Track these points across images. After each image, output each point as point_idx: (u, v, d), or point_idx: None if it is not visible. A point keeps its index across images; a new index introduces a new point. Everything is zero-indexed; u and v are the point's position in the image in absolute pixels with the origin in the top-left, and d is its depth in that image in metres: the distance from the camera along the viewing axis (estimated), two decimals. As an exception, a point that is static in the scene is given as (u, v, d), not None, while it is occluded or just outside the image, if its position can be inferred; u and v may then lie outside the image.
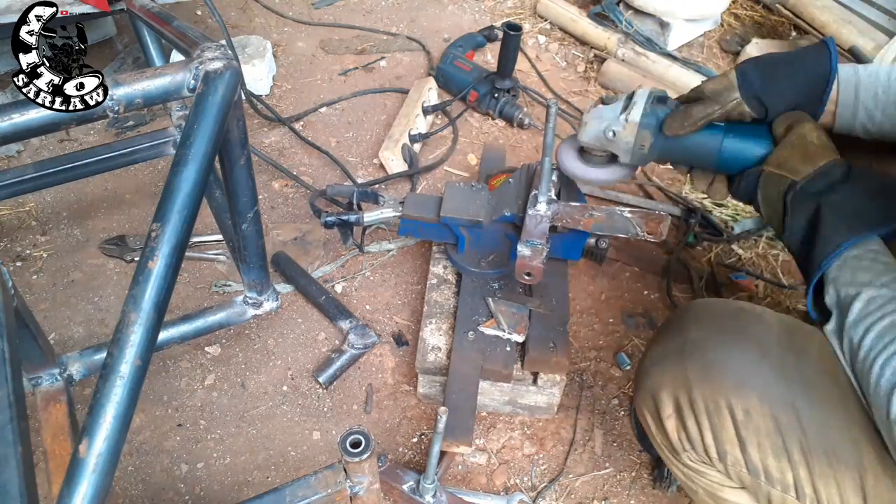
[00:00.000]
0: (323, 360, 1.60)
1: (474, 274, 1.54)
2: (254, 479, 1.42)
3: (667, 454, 1.09)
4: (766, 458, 0.95)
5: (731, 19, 2.71)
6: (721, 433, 0.97)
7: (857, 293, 0.90)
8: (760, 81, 1.06)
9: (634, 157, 1.18)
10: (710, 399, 0.98)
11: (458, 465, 1.46)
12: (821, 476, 0.92)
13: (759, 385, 0.96)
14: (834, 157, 1.00)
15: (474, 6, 2.72)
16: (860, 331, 0.89)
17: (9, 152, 1.99)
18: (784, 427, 0.93)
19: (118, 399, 0.72)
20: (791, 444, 0.93)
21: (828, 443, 0.92)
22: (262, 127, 2.14)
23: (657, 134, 1.14)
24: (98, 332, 1.63)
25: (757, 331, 1.01)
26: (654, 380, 1.06)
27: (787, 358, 0.98)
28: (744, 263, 1.86)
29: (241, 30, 2.49)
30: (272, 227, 1.87)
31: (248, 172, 1.12)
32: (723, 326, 1.04)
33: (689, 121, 1.10)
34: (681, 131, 1.11)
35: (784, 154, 1.03)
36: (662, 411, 1.04)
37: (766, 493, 0.97)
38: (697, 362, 1.01)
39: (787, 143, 1.04)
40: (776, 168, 1.03)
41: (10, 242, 1.80)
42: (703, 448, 1.00)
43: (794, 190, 0.99)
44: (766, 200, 1.05)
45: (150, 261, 0.79)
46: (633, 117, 1.14)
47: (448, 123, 2.19)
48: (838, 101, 1.09)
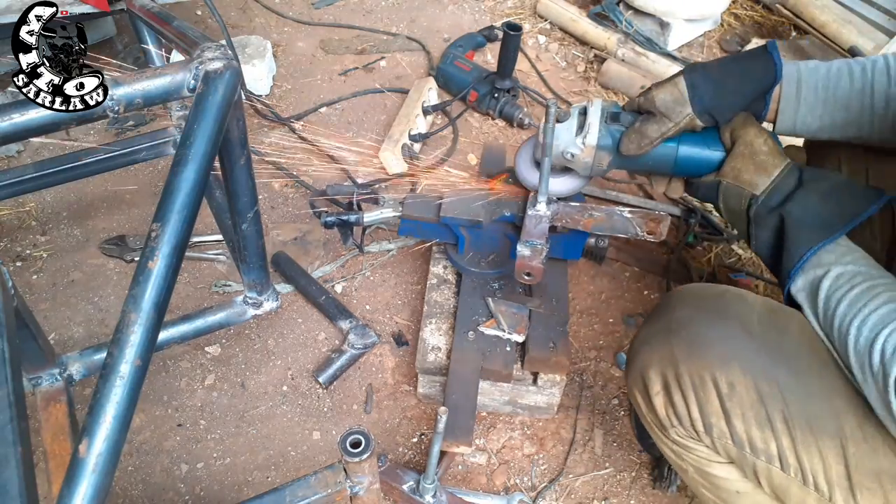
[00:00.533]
0: (323, 360, 1.60)
1: (474, 274, 1.54)
2: (254, 479, 1.42)
3: (656, 432, 1.11)
4: (750, 428, 0.97)
5: (731, 19, 2.71)
6: (706, 406, 1.00)
7: (825, 272, 0.97)
8: (710, 96, 1.12)
9: (594, 173, 1.25)
10: (696, 374, 1.01)
11: (458, 465, 1.46)
12: (803, 445, 0.94)
13: (742, 358, 0.99)
14: (783, 162, 1.08)
15: (474, 6, 2.72)
16: (832, 303, 0.95)
17: (9, 152, 1.99)
18: (767, 398, 0.96)
19: (118, 399, 0.72)
20: (774, 415, 0.96)
21: (810, 413, 0.95)
22: (262, 127, 2.14)
23: (615, 153, 1.19)
24: (98, 332, 1.63)
25: (740, 310, 1.05)
26: (643, 358, 1.09)
27: (769, 334, 1.01)
28: (744, 263, 1.86)
29: (241, 30, 2.49)
30: (272, 227, 1.87)
31: (248, 172, 1.12)
32: (707, 306, 1.08)
33: (645, 141, 1.15)
34: (638, 151, 1.17)
35: (738, 165, 1.11)
36: (651, 389, 1.06)
37: (751, 464, 0.99)
38: (683, 339, 1.04)
39: (738, 152, 1.11)
40: (733, 180, 1.11)
41: (10, 242, 1.80)
42: (689, 422, 1.03)
43: (755, 205, 1.08)
44: (729, 210, 1.14)
45: (150, 261, 0.79)
46: (589, 141, 1.19)
47: (448, 123, 2.19)
48: (781, 97, 1.15)
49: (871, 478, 0.91)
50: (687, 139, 1.16)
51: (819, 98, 1.14)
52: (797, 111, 1.15)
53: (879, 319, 0.88)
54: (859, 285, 0.93)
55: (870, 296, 0.91)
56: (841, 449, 0.93)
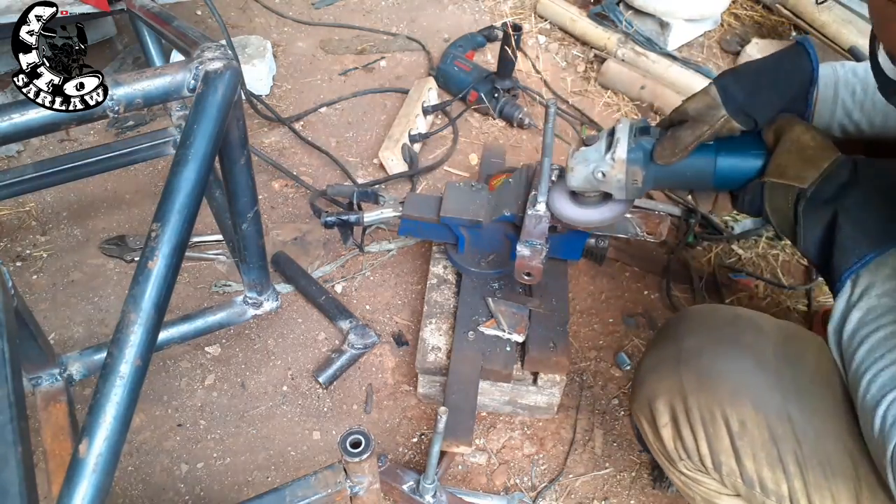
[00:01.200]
0: (323, 360, 1.60)
1: (474, 274, 1.54)
2: (254, 479, 1.42)
3: (664, 461, 1.09)
4: (761, 469, 0.94)
5: (731, 19, 2.71)
6: (716, 443, 0.97)
7: (861, 294, 0.89)
8: (744, 95, 1.03)
9: (629, 193, 1.16)
10: (706, 409, 0.97)
11: (458, 465, 1.46)
12: (816, 487, 0.91)
13: (754, 395, 0.95)
14: (834, 155, 0.97)
15: (474, 6, 2.72)
16: (855, 342, 0.88)
17: (9, 152, 1.99)
18: (779, 438, 0.93)
19: (118, 399, 0.72)
20: (786, 455, 0.93)
21: (823, 454, 0.91)
22: (262, 127, 2.14)
23: (648, 165, 1.11)
24: (98, 332, 1.63)
25: (753, 339, 1.01)
26: (650, 388, 1.05)
27: (783, 367, 0.97)
28: (744, 263, 1.86)
29: (241, 30, 2.49)
30: (272, 227, 1.87)
31: (248, 172, 1.12)
32: (719, 334, 1.03)
33: (680, 146, 1.06)
34: (673, 158, 1.07)
35: (783, 161, 1.00)
36: (658, 420, 1.03)
37: (761, 503, 0.97)
38: (693, 371, 1.00)
39: (783, 149, 1.01)
40: (779, 177, 1.00)
41: (10, 242, 1.80)
42: (698, 458, 1.00)
43: (804, 199, 0.96)
44: (775, 211, 1.01)
45: (150, 261, 0.79)
46: (619, 155, 1.11)
47: (448, 123, 2.19)
48: (818, 98, 1.07)
49: None
50: (725, 147, 1.07)
51: (857, 101, 1.06)
52: (833, 113, 1.08)
53: (889, 379, 0.83)
54: (884, 328, 0.86)
55: (889, 345, 0.84)
56: (854, 492, 0.89)
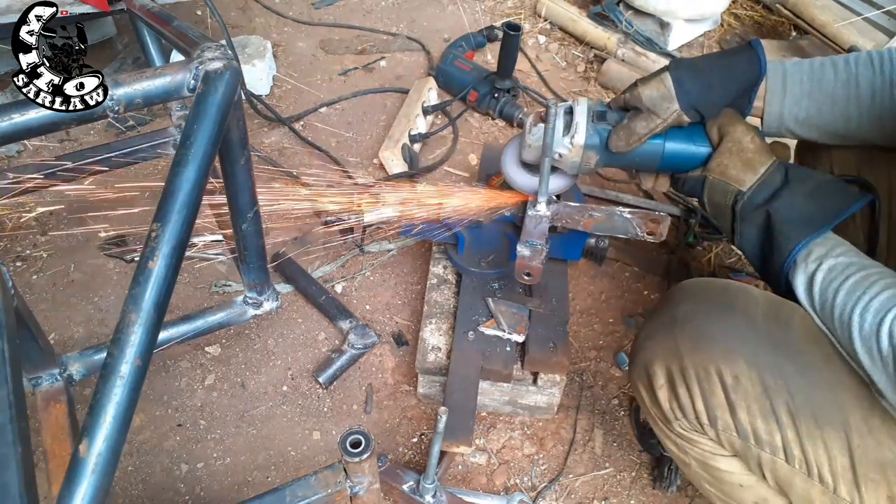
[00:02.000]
0: (323, 360, 1.60)
1: (474, 274, 1.54)
2: (254, 479, 1.42)
3: (660, 425, 1.12)
4: (754, 420, 0.98)
5: (731, 19, 2.71)
6: (711, 398, 1.01)
7: (818, 265, 0.97)
8: (697, 92, 1.11)
9: (581, 171, 1.25)
10: (700, 367, 1.01)
11: (458, 465, 1.46)
12: (808, 436, 0.95)
13: (746, 351, 0.99)
14: (770, 160, 1.08)
15: (474, 6, 2.72)
16: (829, 295, 0.95)
17: (9, 152, 1.99)
18: (771, 390, 0.97)
19: (118, 399, 0.72)
20: (779, 407, 0.96)
21: (814, 404, 0.95)
22: (262, 127, 2.14)
23: (602, 151, 1.19)
24: (98, 332, 1.63)
25: (744, 303, 1.05)
26: (647, 352, 1.10)
27: (772, 327, 1.01)
28: (744, 263, 1.86)
29: (241, 30, 2.49)
30: (272, 227, 1.87)
31: (248, 172, 1.12)
32: (711, 300, 1.09)
33: (634, 137, 1.15)
34: (626, 149, 1.16)
35: (725, 161, 1.10)
36: (655, 382, 1.07)
37: (756, 456, 1.00)
38: (687, 333, 1.05)
39: (725, 148, 1.11)
40: (720, 175, 1.11)
41: (10, 242, 1.80)
42: (694, 415, 1.03)
43: (741, 201, 1.07)
44: (713, 205, 1.13)
45: (150, 261, 0.79)
46: (577, 141, 1.19)
47: (448, 123, 2.19)
48: (766, 90, 1.15)
49: (876, 469, 0.92)
50: (673, 135, 1.17)
51: (805, 90, 1.14)
52: (783, 104, 1.15)
53: (881, 305, 0.89)
54: (854, 275, 0.94)
55: (866, 284, 0.92)
56: (846, 441, 0.93)
